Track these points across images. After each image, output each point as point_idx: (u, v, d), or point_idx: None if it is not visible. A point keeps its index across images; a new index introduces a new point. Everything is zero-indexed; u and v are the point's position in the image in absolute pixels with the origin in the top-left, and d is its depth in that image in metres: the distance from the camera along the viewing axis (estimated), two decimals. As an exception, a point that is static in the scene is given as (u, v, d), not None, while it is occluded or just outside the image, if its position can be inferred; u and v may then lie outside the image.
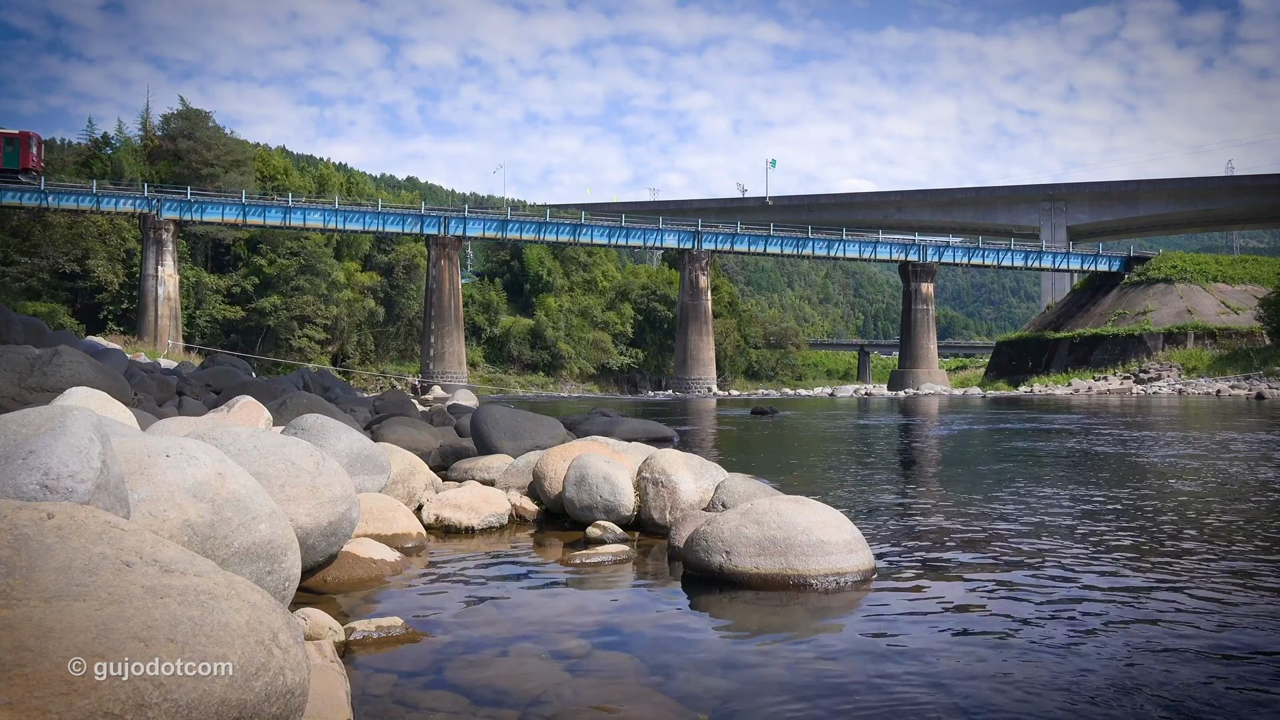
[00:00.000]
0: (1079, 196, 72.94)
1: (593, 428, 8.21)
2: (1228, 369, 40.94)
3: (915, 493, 5.65)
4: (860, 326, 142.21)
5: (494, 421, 5.82)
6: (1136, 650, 2.22)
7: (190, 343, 44.57)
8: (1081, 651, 2.21)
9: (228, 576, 1.49)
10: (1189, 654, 2.19)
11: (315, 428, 3.72)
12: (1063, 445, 9.19)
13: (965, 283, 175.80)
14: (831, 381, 77.40)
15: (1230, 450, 8.26)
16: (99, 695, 1.17)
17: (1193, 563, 3.27)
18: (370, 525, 3.48)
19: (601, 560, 3.34)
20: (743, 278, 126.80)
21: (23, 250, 44.04)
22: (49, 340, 8.52)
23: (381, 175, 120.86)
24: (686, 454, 4.22)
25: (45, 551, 1.36)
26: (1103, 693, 1.92)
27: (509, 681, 1.99)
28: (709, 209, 77.65)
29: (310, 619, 2.23)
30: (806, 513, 2.98)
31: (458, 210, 50.78)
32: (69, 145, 63.80)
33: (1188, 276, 51.73)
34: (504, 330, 60.69)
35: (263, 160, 58.14)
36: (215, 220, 46.09)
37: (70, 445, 1.81)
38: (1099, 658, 2.16)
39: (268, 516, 2.24)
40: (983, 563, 3.31)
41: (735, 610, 2.69)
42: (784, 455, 8.77)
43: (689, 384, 50.94)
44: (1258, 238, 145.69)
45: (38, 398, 4.39)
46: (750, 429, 13.08)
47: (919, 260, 53.55)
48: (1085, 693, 1.92)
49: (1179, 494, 5.27)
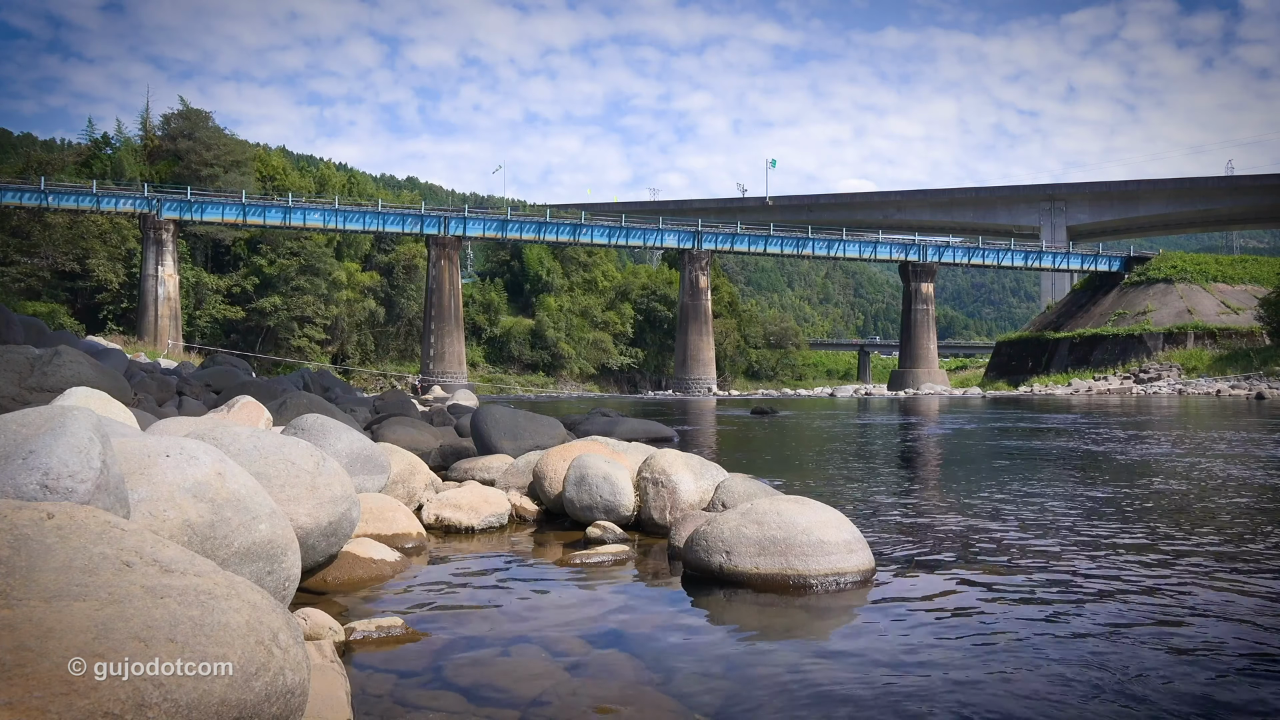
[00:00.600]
0: (1079, 196, 72.97)
1: (593, 428, 8.21)
2: (1228, 369, 40.95)
3: (915, 492, 5.65)
4: (860, 326, 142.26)
5: (494, 421, 5.82)
6: (1138, 651, 2.22)
7: (190, 343, 44.60)
8: (1083, 652, 2.21)
9: (228, 576, 1.49)
10: (1191, 654, 2.19)
11: (315, 428, 3.72)
12: (1063, 445, 9.19)
13: (965, 283, 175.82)
14: (831, 381, 77.43)
15: (1231, 450, 8.26)
16: (99, 695, 1.17)
17: (1194, 563, 3.27)
18: (370, 525, 3.48)
19: (601, 560, 3.34)
20: (743, 278, 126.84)
21: (23, 250, 44.07)
22: (49, 340, 8.52)
23: (381, 175, 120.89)
24: (686, 454, 4.22)
25: (45, 551, 1.36)
26: (1104, 694, 1.92)
27: (509, 681, 1.99)
28: (709, 209, 77.72)
29: (310, 619, 2.23)
30: (806, 513, 2.98)
31: (458, 210, 50.78)
32: (69, 145, 63.84)
33: (1188, 276, 51.76)
34: (504, 330, 60.71)
35: (262, 160, 58.15)
36: (215, 220, 46.12)
37: (70, 445, 1.81)
38: (1100, 658, 2.16)
39: (268, 516, 2.24)
40: (983, 563, 3.31)
41: (735, 610, 2.69)
42: (784, 455, 8.77)
43: (689, 384, 50.95)
44: (1258, 238, 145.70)
45: (38, 398, 4.39)
46: (750, 429, 13.08)
47: (919, 260, 53.56)
48: (1087, 693, 1.92)
49: (1179, 494, 5.27)
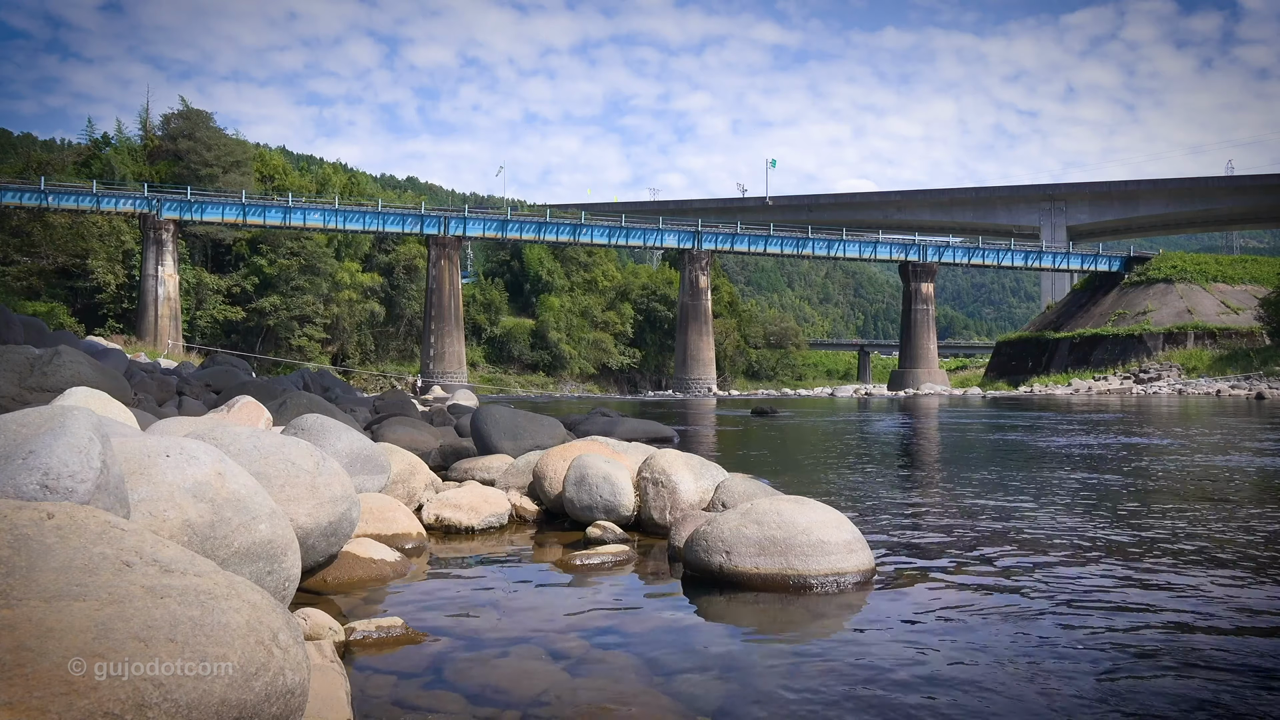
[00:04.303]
0: (1079, 196, 72.93)
1: (593, 428, 8.21)
2: (1228, 369, 40.94)
3: (915, 492, 5.65)
4: (860, 326, 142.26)
5: (494, 421, 5.82)
6: (1139, 651, 2.22)
7: (190, 343, 44.59)
8: (1083, 653, 2.21)
9: (228, 576, 1.49)
10: (1192, 655, 2.19)
11: (315, 428, 3.72)
12: (1063, 445, 9.19)
13: (965, 283, 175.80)
14: (831, 381, 77.44)
15: (1231, 451, 8.26)
16: (99, 695, 1.17)
17: (1194, 562, 3.27)
18: (370, 525, 3.48)
19: (601, 560, 3.34)
20: (743, 278, 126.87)
21: (23, 250, 44.05)
22: (49, 340, 8.52)
23: (381, 175, 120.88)
24: (686, 454, 4.22)
25: (45, 551, 1.36)
26: (1105, 694, 1.92)
27: (509, 682, 1.99)
28: (709, 209, 77.66)
29: (310, 619, 2.23)
30: (806, 513, 2.98)
31: (458, 210, 50.77)
32: (69, 145, 63.84)
33: (1188, 276, 51.74)
34: (504, 330, 60.70)
35: (262, 160, 58.14)
36: (215, 220, 46.09)
37: (70, 445, 1.81)
38: (1101, 659, 2.16)
39: (268, 516, 2.24)
40: (983, 563, 3.31)
41: (735, 611, 2.69)
42: (784, 455, 8.77)
43: (689, 384, 50.93)
44: (1258, 238, 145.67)
45: (38, 398, 4.39)
46: (750, 429, 13.08)
47: (919, 260, 53.54)
48: (1088, 694, 1.92)
49: (1179, 494, 5.27)
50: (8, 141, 76.51)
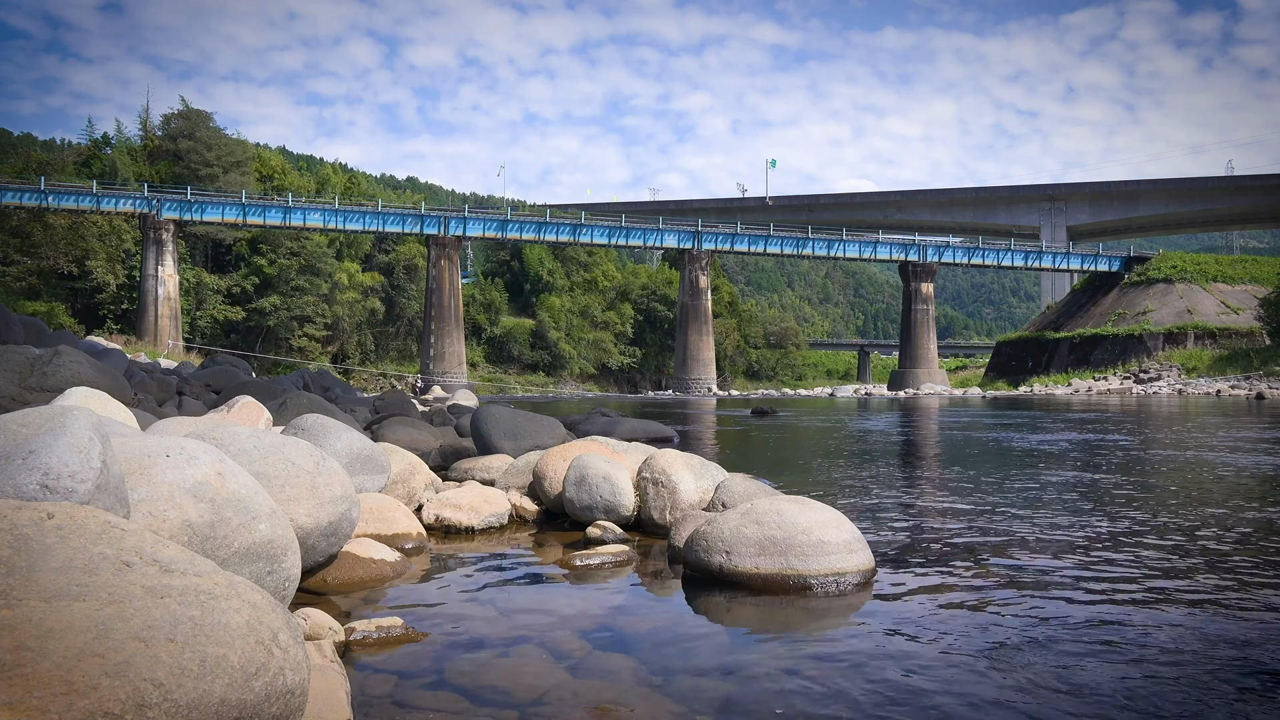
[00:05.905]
0: (1079, 196, 72.93)
1: (593, 428, 8.21)
2: (1228, 369, 40.95)
3: (915, 493, 5.65)
4: (860, 326, 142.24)
5: (494, 421, 5.82)
6: (1140, 651, 2.22)
7: (190, 343, 44.59)
8: (1083, 653, 2.21)
9: (228, 576, 1.49)
10: (1193, 656, 2.19)
11: (315, 428, 3.72)
12: (1062, 446, 9.19)
13: (965, 283, 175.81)
14: (831, 381, 77.41)
15: (1231, 451, 8.26)
16: (99, 695, 1.17)
17: (1194, 562, 3.27)
18: (370, 525, 3.48)
19: (601, 560, 3.34)
20: (743, 278, 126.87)
21: (23, 250, 44.04)
22: (49, 340, 8.52)
23: (382, 175, 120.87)
24: (686, 454, 4.22)
25: (45, 551, 1.36)
26: (1106, 694, 1.92)
27: (509, 682, 1.99)
28: (709, 209, 77.67)
29: (310, 619, 2.23)
30: (806, 513, 2.98)
31: (458, 210, 50.77)
32: (69, 145, 63.81)
33: (1188, 276, 51.75)
34: (504, 330, 60.70)
35: (261, 160, 58.14)
36: (215, 220, 46.10)
37: (70, 445, 1.81)
38: (1101, 659, 2.16)
39: (268, 516, 2.24)
40: (984, 563, 3.31)
41: (735, 611, 2.69)
42: (784, 455, 8.77)
43: (689, 384, 50.94)
44: (1258, 238, 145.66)
45: (38, 398, 4.39)
46: (750, 429, 13.08)
47: (919, 260, 53.54)
48: (1088, 695, 1.92)
49: (1180, 494, 5.27)
50: (8, 141, 76.49)
